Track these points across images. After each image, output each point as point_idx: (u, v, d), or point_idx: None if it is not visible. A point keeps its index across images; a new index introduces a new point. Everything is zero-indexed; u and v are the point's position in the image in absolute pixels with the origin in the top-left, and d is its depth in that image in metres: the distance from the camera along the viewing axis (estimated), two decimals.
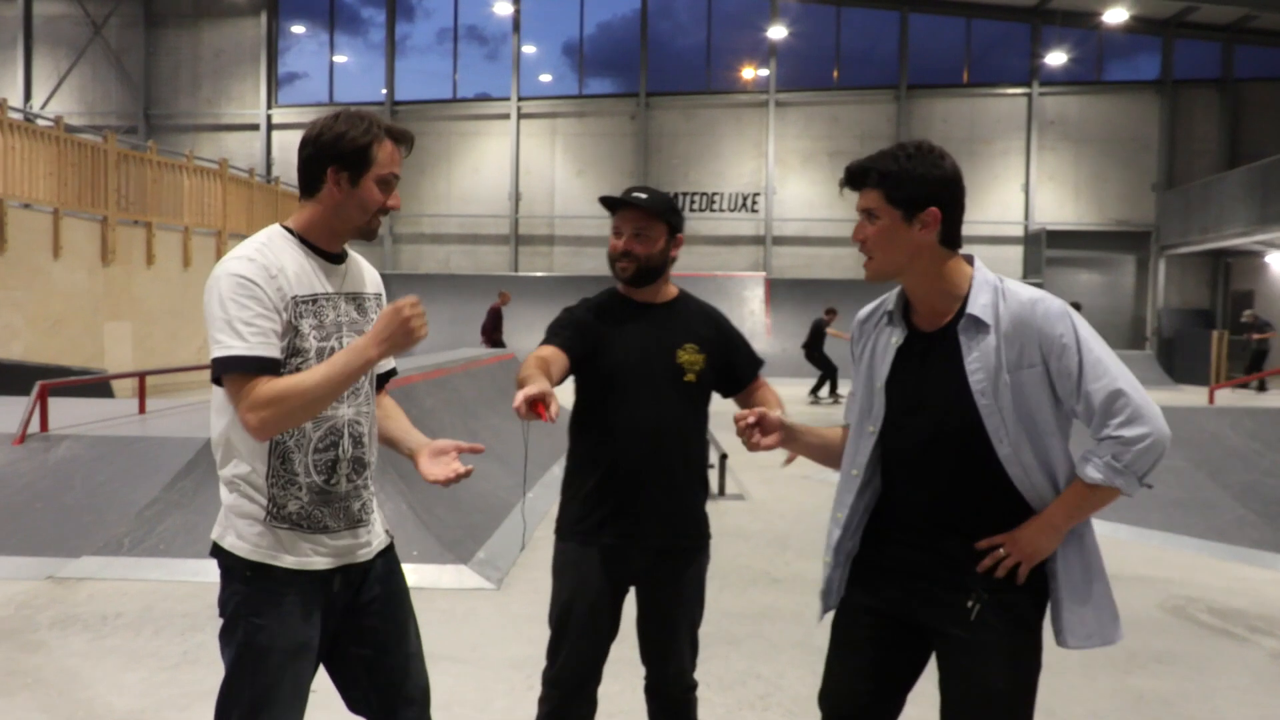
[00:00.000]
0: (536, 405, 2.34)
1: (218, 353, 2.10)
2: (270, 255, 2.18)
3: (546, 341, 2.79)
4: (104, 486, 6.36)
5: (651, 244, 2.83)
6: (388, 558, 2.44)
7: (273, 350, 2.13)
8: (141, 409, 8.92)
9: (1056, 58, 25.09)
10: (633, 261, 2.83)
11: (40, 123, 14.84)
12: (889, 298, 2.36)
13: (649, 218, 2.82)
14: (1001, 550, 2.16)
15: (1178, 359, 23.45)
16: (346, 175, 2.21)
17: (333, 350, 2.22)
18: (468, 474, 2.22)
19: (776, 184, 26.07)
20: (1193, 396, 18.64)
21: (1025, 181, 25.86)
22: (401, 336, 2.10)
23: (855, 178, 2.21)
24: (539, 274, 25.49)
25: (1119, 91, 26.12)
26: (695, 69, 27.07)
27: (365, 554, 2.35)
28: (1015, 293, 2.15)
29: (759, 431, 2.34)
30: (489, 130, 26.75)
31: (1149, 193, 25.67)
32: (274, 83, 27.55)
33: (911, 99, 26.05)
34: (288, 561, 2.21)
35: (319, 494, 2.24)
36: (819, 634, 4.78)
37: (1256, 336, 20.52)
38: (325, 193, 2.23)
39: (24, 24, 26.98)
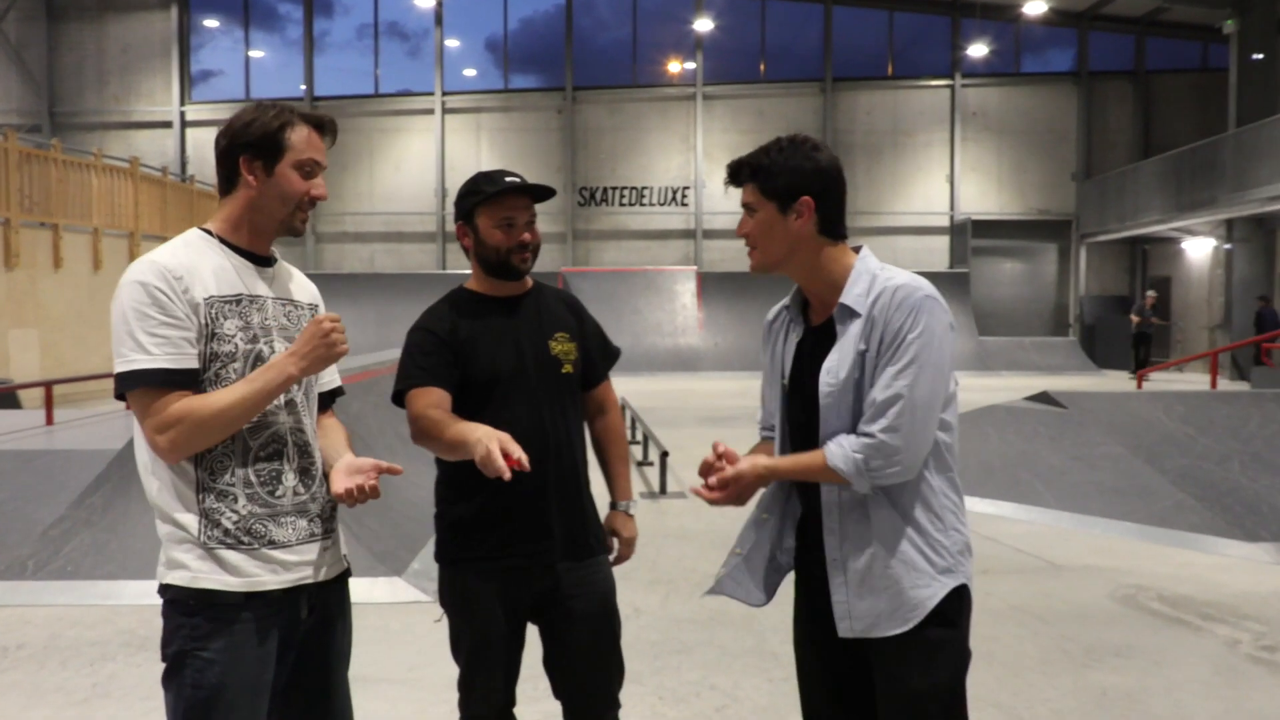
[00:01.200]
0: (510, 459, 2.11)
1: (120, 367, 1.96)
2: (180, 257, 2.03)
3: (416, 381, 2.49)
4: (6, 505, 5.98)
5: (536, 231, 2.63)
6: (338, 586, 2.23)
7: (183, 361, 1.97)
8: (49, 420, 8.52)
9: (977, 50, 25.44)
10: (532, 253, 2.61)
11: None
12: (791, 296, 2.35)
13: (532, 203, 2.60)
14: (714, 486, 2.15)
15: (1099, 345, 24.01)
16: (260, 164, 2.07)
17: (263, 354, 2.07)
18: (373, 493, 2.03)
19: (705, 177, 26.01)
20: (1116, 382, 19.03)
21: (950, 172, 26.17)
22: (323, 351, 2.04)
23: (734, 174, 2.25)
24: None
25: (1037, 83, 26.61)
26: (621, 63, 26.89)
27: (325, 574, 2.15)
28: (889, 278, 2.12)
29: (713, 478, 2.18)
30: (412, 126, 26.25)
31: (1068, 182, 26.18)
32: (187, 79, 26.66)
33: (836, 92, 26.19)
34: (234, 584, 2.00)
35: (262, 505, 2.05)
36: (774, 640, 4.66)
37: (1156, 321, 21.08)
38: (242, 186, 2.09)
39: None
